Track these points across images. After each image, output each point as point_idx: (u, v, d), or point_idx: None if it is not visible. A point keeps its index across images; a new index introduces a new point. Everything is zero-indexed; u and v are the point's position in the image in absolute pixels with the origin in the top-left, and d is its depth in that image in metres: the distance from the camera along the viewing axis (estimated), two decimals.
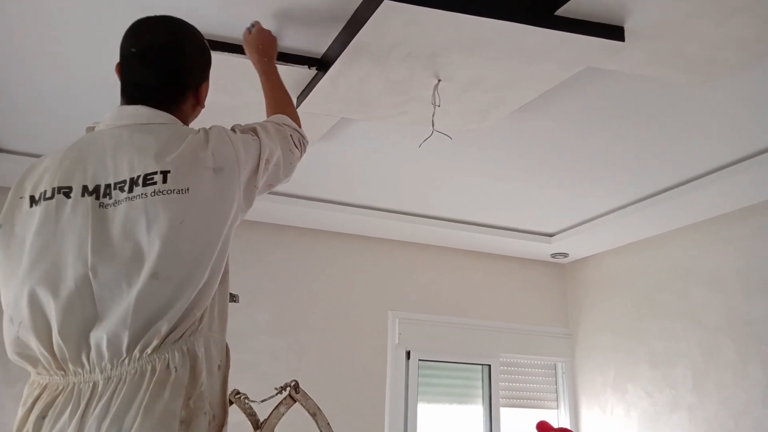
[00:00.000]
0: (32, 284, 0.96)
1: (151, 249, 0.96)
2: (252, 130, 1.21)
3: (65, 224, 0.99)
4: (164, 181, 0.99)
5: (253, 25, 1.68)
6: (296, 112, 1.45)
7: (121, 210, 0.99)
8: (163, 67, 1.14)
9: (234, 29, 1.77)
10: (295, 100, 2.10)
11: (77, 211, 0.99)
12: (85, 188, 1.01)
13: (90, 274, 0.95)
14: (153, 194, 0.98)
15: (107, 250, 0.96)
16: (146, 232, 0.97)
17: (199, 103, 1.23)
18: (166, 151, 1.03)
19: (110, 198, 1.00)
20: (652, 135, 2.37)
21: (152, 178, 1.00)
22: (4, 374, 2.74)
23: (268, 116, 1.41)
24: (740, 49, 1.72)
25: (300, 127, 1.39)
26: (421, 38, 1.63)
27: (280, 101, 1.46)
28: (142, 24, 1.17)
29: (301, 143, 1.35)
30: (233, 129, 1.19)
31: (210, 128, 1.14)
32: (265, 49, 1.61)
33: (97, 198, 1.00)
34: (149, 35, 1.14)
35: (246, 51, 1.66)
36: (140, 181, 1.00)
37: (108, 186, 1.01)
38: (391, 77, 1.84)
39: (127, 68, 1.14)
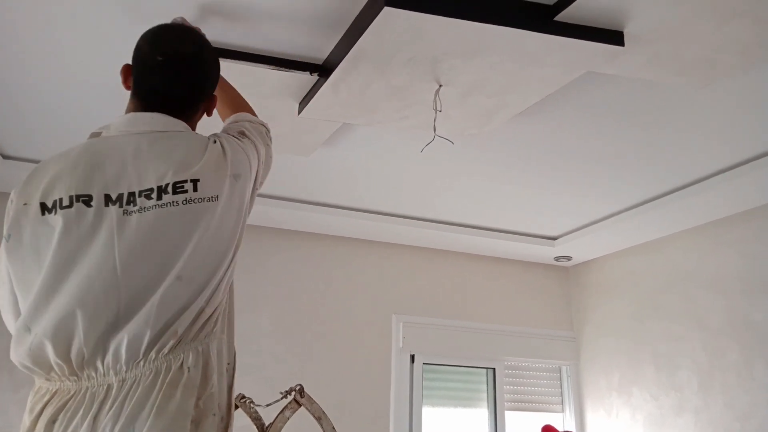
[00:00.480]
0: (61, 296, 0.96)
1: (181, 254, 0.98)
2: (241, 134, 1.23)
3: (90, 234, 0.98)
4: (195, 189, 1.01)
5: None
6: (250, 106, 1.45)
7: (150, 217, 0.99)
8: (188, 77, 1.15)
9: (236, 36, 1.79)
10: (296, 106, 2.12)
11: (102, 221, 0.99)
12: (107, 197, 1.00)
13: (120, 284, 0.95)
14: (185, 202, 1.00)
15: (135, 258, 0.97)
16: (178, 238, 0.99)
17: (208, 112, 1.24)
18: (191, 159, 1.05)
19: (135, 205, 1.00)
20: (654, 138, 2.38)
21: (182, 186, 1.01)
22: (9, 380, 2.75)
23: (226, 115, 1.40)
24: (740, 52, 1.73)
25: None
26: (422, 44, 1.64)
27: (235, 99, 1.46)
28: (167, 32, 1.17)
29: (269, 135, 1.37)
30: (233, 136, 1.21)
31: (218, 136, 1.15)
32: None
33: (121, 206, 1.00)
34: (176, 44, 1.14)
35: None
36: (169, 189, 1.01)
37: (132, 194, 1.01)
38: (393, 83, 1.85)
39: (147, 74, 1.13)
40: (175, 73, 1.13)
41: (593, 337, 3.77)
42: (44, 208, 1.01)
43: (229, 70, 1.87)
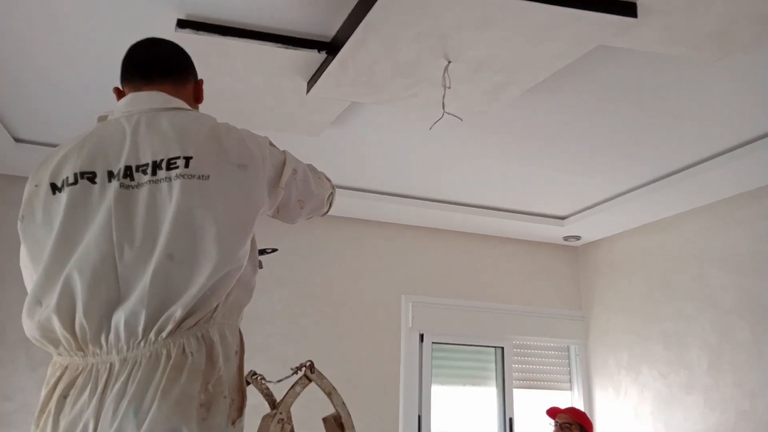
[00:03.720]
0: (66, 269, 0.98)
1: (166, 230, 0.98)
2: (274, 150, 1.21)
3: (94, 209, 1.02)
4: (186, 165, 1.02)
5: None
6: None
7: (144, 192, 1.01)
8: (164, 43, 1.22)
9: (244, 15, 1.78)
10: (305, 85, 2.10)
11: (104, 195, 1.02)
12: (110, 173, 1.04)
13: (116, 255, 0.98)
14: (175, 178, 1.01)
15: (130, 232, 0.99)
16: (166, 214, 0.99)
17: (198, 97, 1.26)
18: (188, 136, 1.06)
19: (133, 180, 1.03)
20: (665, 116, 2.35)
21: (175, 163, 1.02)
22: (28, 359, 2.80)
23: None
24: (755, 25, 1.69)
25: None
26: (430, 18, 1.62)
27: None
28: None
29: (332, 193, 1.42)
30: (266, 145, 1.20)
31: (239, 128, 1.16)
32: None
33: (119, 180, 1.03)
34: (149, 38, 1.24)
35: None
36: (164, 165, 1.02)
37: (129, 168, 1.03)
38: (401, 59, 1.83)
39: (129, 58, 1.20)
40: (152, 42, 1.22)
41: (602, 316, 3.77)
42: (54, 188, 1.05)
43: (237, 49, 1.86)
